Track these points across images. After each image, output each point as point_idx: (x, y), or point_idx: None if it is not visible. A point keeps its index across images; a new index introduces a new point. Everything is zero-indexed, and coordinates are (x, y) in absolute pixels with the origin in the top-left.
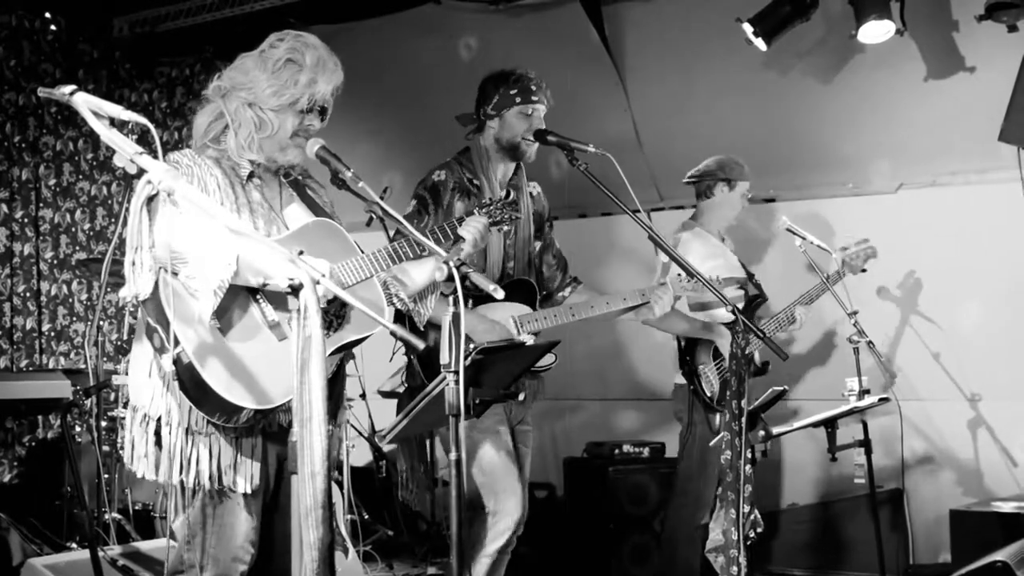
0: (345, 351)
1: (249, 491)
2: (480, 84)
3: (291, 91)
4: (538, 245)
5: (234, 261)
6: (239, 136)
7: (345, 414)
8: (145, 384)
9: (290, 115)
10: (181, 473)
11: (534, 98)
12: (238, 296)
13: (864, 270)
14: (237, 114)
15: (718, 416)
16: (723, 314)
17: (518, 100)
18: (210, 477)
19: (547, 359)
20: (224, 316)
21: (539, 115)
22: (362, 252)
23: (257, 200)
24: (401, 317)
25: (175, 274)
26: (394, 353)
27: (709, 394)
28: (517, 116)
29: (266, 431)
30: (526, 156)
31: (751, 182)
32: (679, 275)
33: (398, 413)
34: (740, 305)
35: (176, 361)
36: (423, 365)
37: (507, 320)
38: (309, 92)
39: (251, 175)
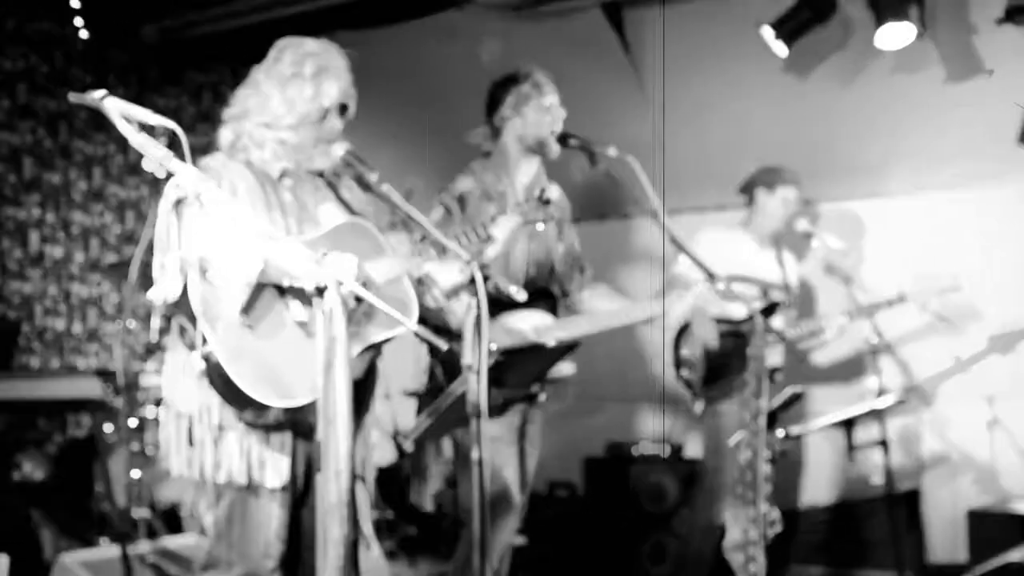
0: (375, 349)
1: (279, 486)
2: (488, 93)
3: (300, 107)
4: (560, 247)
5: (260, 258)
6: (264, 152)
7: (377, 409)
8: (178, 382)
9: (305, 128)
10: (213, 469)
11: (548, 91)
12: (266, 294)
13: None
14: (257, 135)
15: (697, 403)
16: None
17: (534, 96)
18: (240, 473)
19: (568, 369)
20: (252, 314)
21: (556, 106)
22: (392, 251)
23: (289, 201)
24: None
25: (204, 272)
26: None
27: (688, 377)
28: (537, 110)
29: (296, 427)
30: (552, 152)
31: (797, 187)
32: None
33: (419, 414)
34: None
35: (205, 359)
36: (444, 366)
37: (530, 332)
38: (317, 103)
39: (282, 176)
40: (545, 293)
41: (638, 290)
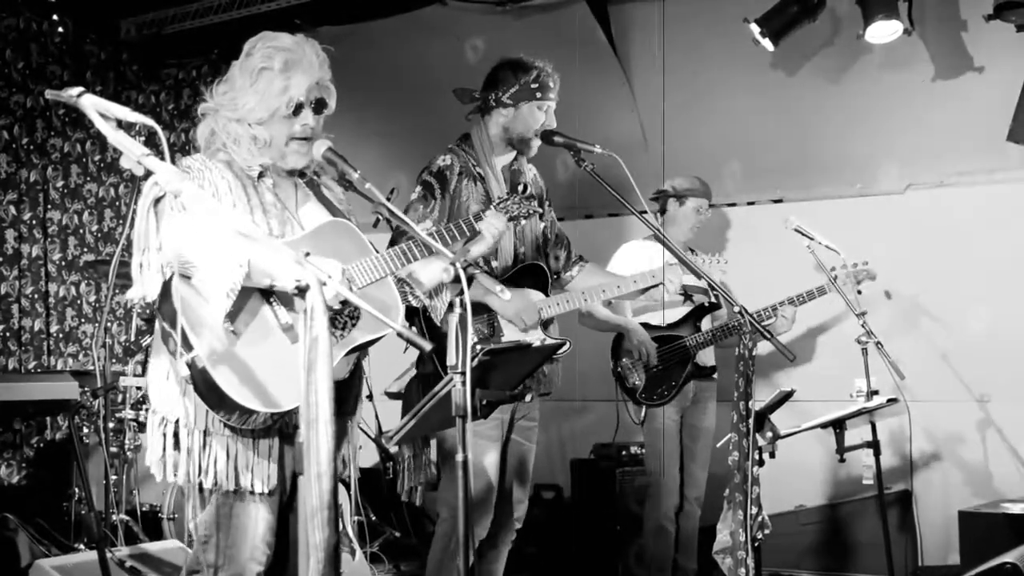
0: (360, 351)
1: (266, 491)
2: (495, 68)
3: (269, 101)
4: (541, 224)
5: (245, 263)
6: (240, 149)
7: (360, 414)
8: (163, 387)
9: (277, 123)
10: (199, 475)
11: (551, 95)
12: (251, 299)
13: (859, 292)
14: (230, 131)
15: (643, 409)
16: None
17: (538, 95)
18: (227, 478)
19: (562, 348)
20: (237, 319)
21: (551, 111)
22: (376, 252)
23: (270, 201)
24: (411, 317)
25: (187, 279)
26: (415, 361)
27: (630, 386)
28: (534, 111)
29: (283, 432)
30: (531, 152)
31: (708, 199)
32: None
33: (404, 405)
34: (683, 313)
35: (190, 365)
36: (441, 363)
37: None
38: (286, 97)
39: (261, 176)
40: (535, 269)
41: None
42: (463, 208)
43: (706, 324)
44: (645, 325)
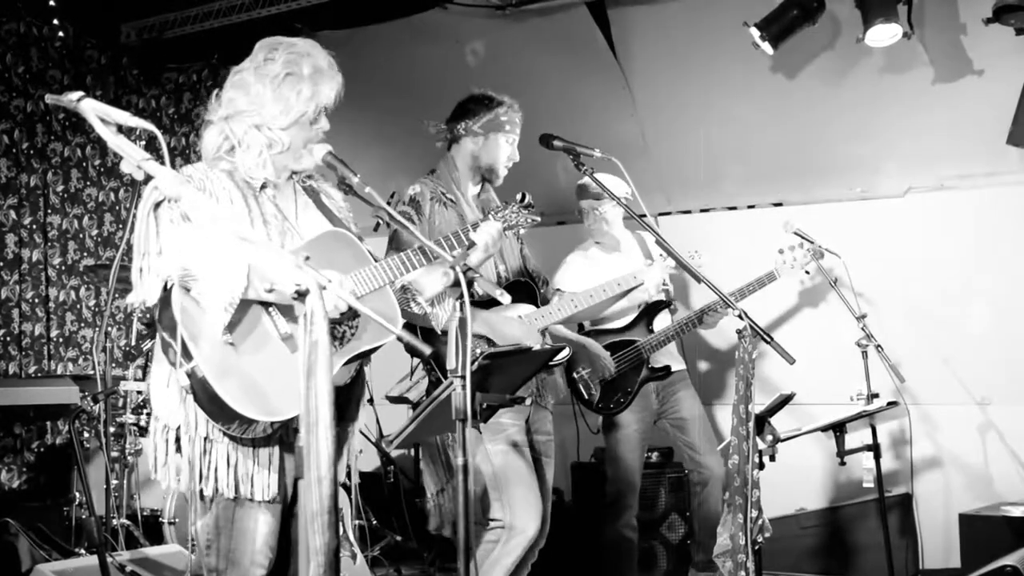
0: (361, 359)
1: (266, 499)
2: (465, 100)
3: (297, 107)
4: (518, 248)
5: (244, 275)
6: (248, 157)
7: (362, 419)
8: (164, 395)
9: (297, 129)
10: (200, 482)
11: (517, 131)
12: (250, 309)
13: (807, 272)
14: (246, 136)
15: (600, 418)
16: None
17: (506, 128)
18: (227, 486)
19: (561, 354)
20: (237, 329)
21: (516, 146)
22: (375, 261)
23: (271, 212)
24: (409, 324)
25: (187, 290)
26: (414, 369)
27: (587, 396)
28: (504, 142)
29: (283, 440)
30: (498, 181)
31: (606, 199)
32: (661, 255)
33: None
34: (633, 316)
35: (190, 375)
36: (440, 371)
37: (518, 325)
38: (315, 103)
39: (263, 186)
40: (521, 285)
41: None
42: (436, 233)
43: (663, 322)
44: (599, 331)
